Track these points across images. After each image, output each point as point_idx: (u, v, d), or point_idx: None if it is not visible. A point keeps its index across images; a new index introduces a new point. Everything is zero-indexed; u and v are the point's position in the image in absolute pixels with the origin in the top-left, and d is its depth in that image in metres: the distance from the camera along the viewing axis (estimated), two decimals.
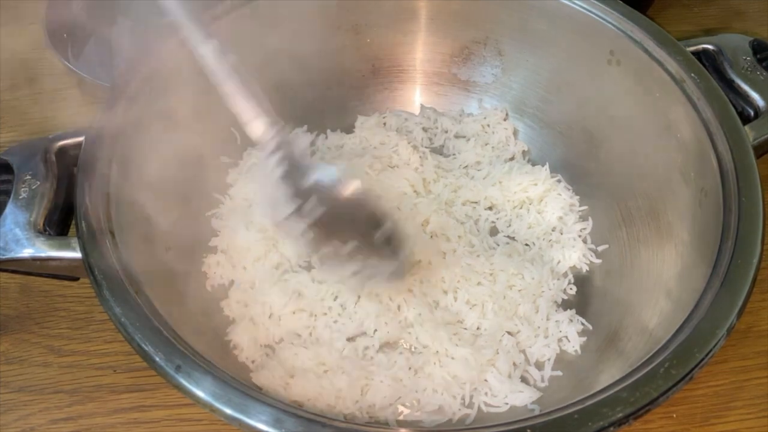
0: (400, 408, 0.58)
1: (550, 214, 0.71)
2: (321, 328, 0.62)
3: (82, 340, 0.65)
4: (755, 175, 0.56)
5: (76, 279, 0.59)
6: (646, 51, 0.65)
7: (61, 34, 0.85)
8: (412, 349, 0.61)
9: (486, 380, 0.59)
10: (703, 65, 0.65)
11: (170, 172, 0.65)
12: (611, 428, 0.44)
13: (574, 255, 0.68)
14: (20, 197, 0.56)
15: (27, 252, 0.53)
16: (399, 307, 0.63)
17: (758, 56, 0.67)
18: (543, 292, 0.65)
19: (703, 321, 0.49)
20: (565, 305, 0.66)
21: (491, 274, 0.65)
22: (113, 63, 0.86)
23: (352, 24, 0.76)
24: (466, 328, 0.63)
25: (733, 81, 0.66)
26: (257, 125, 0.55)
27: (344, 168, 0.71)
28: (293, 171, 0.55)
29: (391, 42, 0.79)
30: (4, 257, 0.53)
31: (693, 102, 0.62)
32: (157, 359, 0.46)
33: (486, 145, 0.78)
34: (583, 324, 0.63)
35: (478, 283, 0.64)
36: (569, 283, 0.67)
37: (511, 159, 0.77)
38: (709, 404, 0.62)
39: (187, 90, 0.66)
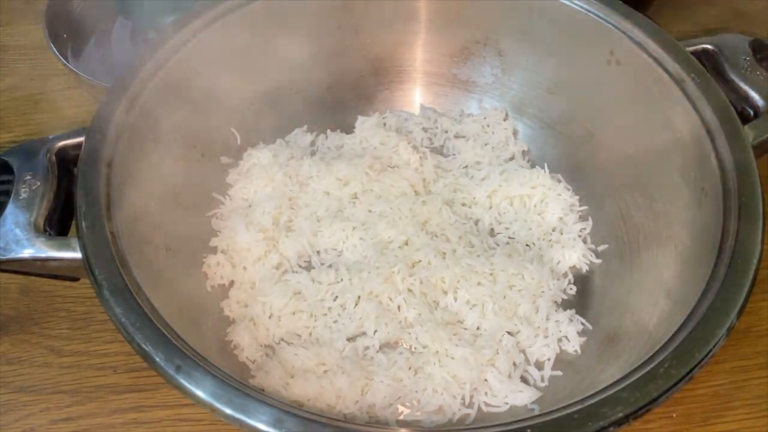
0: (400, 408, 0.58)
1: (550, 214, 0.71)
2: (321, 329, 0.62)
3: (82, 340, 0.65)
4: (755, 175, 0.56)
5: (76, 279, 0.59)
6: (646, 51, 0.65)
7: (61, 34, 0.85)
8: (412, 349, 0.61)
9: (486, 380, 0.59)
10: (703, 65, 0.65)
11: (170, 172, 0.65)
12: (611, 428, 0.44)
13: (574, 255, 0.68)
14: (20, 197, 0.56)
15: (27, 252, 0.53)
16: (399, 308, 0.63)
17: (758, 56, 0.67)
18: (543, 292, 0.65)
19: (703, 321, 0.49)
20: (565, 305, 0.66)
21: (491, 274, 0.65)
22: (113, 63, 0.86)
23: (352, 24, 0.76)
24: (466, 328, 0.63)
25: (733, 81, 0.66)
26: None
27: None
28: None
29: (391, 42, 0.79)
30: (4, 258, 0.53)
31: (693, 102, 0.61)
32: (157, 359, 0.46)
33: (486, 145, 0.78)
34: (583, 324, 0.63)
35: (478, 283, 0.64)
36: (569, 283, 0.67)
37: (511, 159, 0.77)
38: (708, 404, 0.62)
39: (187, 90, 0.66)
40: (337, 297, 0.64)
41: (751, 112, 0.64)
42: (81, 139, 0.58)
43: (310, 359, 0.59)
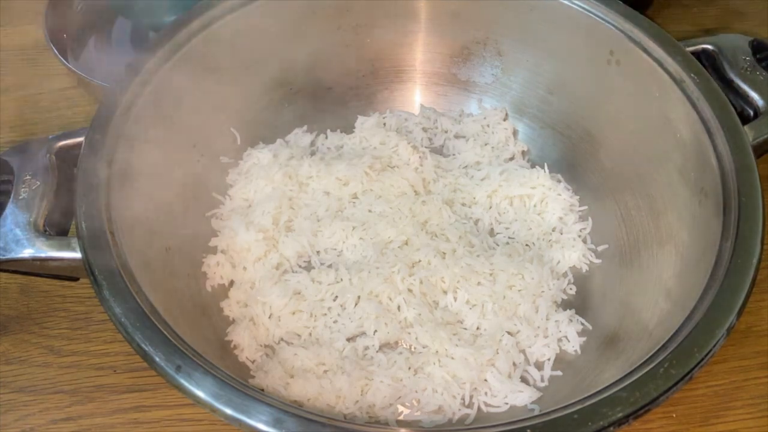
0: (400, 408, 0.58)
1: (550, 214, 0.71)
2: (321, 329, 0.62)
3: (82, 340, 0.65)
4: (755, 175, 0.56)
5: (76, 279, 0.59)
6: (646, 51, 0.65)
7: (61, 34, 0.85)
8: (412, 349, 0.61)
9: (486, 380, 0.59)
10: (703, 65, 0.65)
11: (170, 172, 0.65)
12: (611, 428, 0.44)
13: (574, 255, 0.68)
14: (20, 197, 0.56)
15: (27, 252, 0.53)
16: (399, 308, 0.63)
17: (758, 56, 0.67)
18: (543, 292, 0.65)
19: (703, 321, 0.49)
20: (565, 305, 0.66)
21: (491, 274, 0.65)
22: (113, 63, 0.86)
23: (352, 24, 0.76)
24: (466, 328, 0.63)
25: (732, 81, 0.66)
26: None
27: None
28: None
29: (391, 42, 0.79)
30: (4, 257, 0.53)
31: (693, 102, 0.62)
32: (157, 359, 0.47)
33: (486, 145, 0.78)
34: (583, 324, 0.63)
35: (478, 283, 0.64)
36: (569, 283, 0.67)
37: (511, 159, 0.77)
38: (708, 404, 0.62)
39: (186, 90, 0.66)
40: (337, 297, 0.64)
41: (751, 112, 0.64)
42: (81, 139, 0.58)
43: (310, 359, 0.59)
